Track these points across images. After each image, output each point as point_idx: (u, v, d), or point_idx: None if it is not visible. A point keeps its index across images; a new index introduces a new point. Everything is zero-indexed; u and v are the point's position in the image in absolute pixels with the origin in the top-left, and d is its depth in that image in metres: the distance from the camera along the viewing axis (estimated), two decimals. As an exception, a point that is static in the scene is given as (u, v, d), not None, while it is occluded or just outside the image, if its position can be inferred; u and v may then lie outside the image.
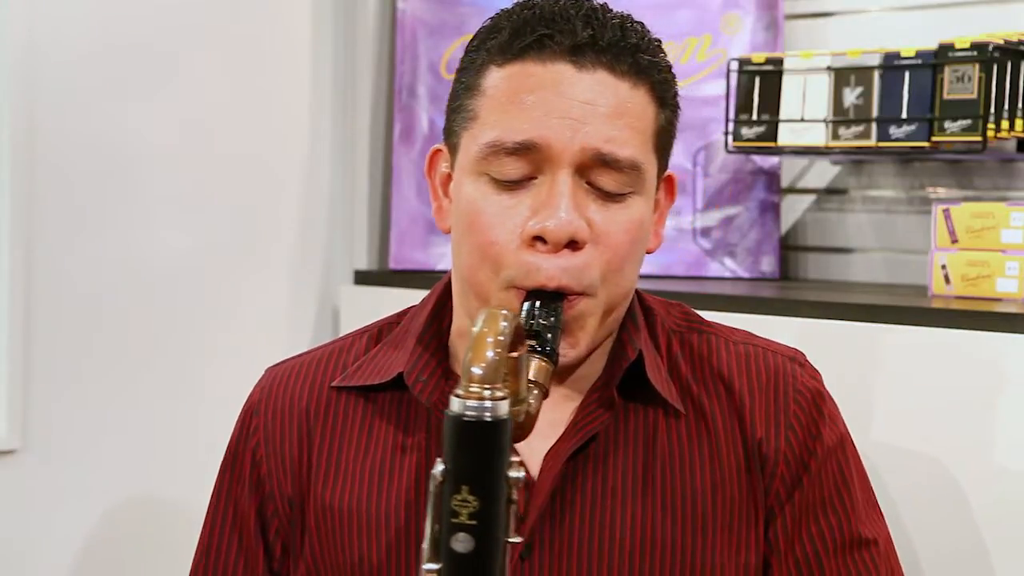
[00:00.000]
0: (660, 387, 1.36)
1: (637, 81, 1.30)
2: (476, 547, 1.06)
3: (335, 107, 2.49)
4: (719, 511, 1.35)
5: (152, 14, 2.23)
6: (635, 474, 1.34)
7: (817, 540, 1.36)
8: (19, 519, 2.10)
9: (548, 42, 1.27)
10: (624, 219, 1.30)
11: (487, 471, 1.07)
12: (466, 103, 1.32)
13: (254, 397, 1.45)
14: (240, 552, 1.41)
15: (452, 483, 1.07)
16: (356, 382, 1.40)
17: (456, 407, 1.07)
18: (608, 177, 1.28)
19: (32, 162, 2.08)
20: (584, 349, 1.32)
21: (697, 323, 1.44)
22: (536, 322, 1.24)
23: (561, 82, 1.27)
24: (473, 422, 1.06)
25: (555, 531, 1.32)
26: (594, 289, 1.29)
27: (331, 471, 1.38)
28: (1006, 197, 2.12)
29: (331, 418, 1.40)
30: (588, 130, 1.26)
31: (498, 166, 1.28)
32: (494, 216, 1.29)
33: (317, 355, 1.46)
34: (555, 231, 1.26)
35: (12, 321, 2.06)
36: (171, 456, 2.25)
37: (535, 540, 1.32)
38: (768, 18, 2.30)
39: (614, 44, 1.28)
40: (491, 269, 1.29)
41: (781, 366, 1.40)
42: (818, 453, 1.37)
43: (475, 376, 1.07)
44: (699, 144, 2.30)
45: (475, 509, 1.06)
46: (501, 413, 1.07)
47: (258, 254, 2.41)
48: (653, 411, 1.36)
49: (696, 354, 1.41)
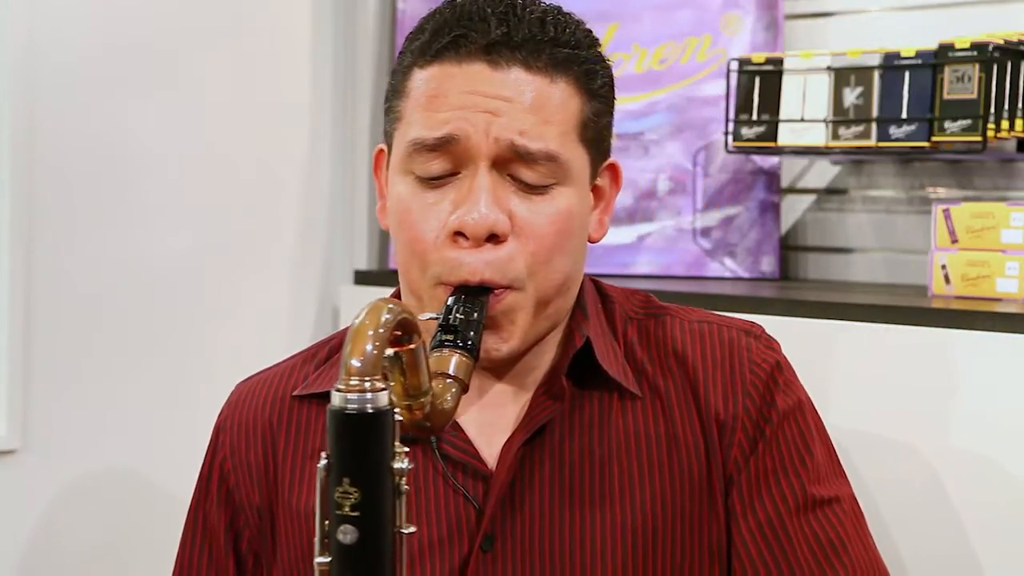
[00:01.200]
0: (612, 371, 1.37)
1: (555, 75, 1.31)
2: (360, 538, 1.07)
3: (335, 107, 2.49)
4: (678, 491, 1.35)
5: (152, 14, 2.23)
6: (592, 460, 1.35)
7: (779, 502, 1.36)
8: (19, 519, 2.10)
9: (463, 42, 1.30)
10: (549, 211, 1.31)
11: (368, 462, 1.08)
12: (394, 104, 1.35)
13: (222, 414, 1.48)
14: (211, 567, 1.44)
15: (335, 475, 1.07)
16: (315, 389, 1.42)
17: (336, 400, 1.08)
18: (527, 170, 1.30)
19: (32, 162, 2.08)
20: (515, 344, 1.33)
21: (655, 308, 1.45)
22: (454, 316, 1.26)
23: (477, 80, 1.29)
24: (350, 414, 1.07)
25: (515, 522, 1.33)
26: (521, 282, 1.30)
27: (296, 475, 1.40)
28: (1006, 197, 2.12)
29: (294, 426, 1.42)
30: (502, 122, 1.28)
31: (421, 163, 1.31)
32: (419, 213, 1.31)
33: (281, 368, 1.48)
34: (474, 225, 1.28)
35: (12, 321, 2.06)
36: (171, 456, 2.24)
37: (496, 531, 1.33)
38: (768, 18, 2.30)
39: (528, 40, 1.30)
40: (419, 266, 1.32)
41: (736, 339, 1.41)
42: (773, 419, 1.38)
43: (353, 368, 1.08)
44: (699, 144, 2.31)
45: (357, 500, 1.07)
46: (380, 404, 1.08)
47: (258, 254, 2.40)
48: (608, 397, 1.38)
49: (652, 337, 1.42)
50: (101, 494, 2.19)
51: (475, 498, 1.34)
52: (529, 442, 1.35)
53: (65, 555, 2.15)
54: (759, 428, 1.37)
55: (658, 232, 2.31)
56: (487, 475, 1.35)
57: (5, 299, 2.05)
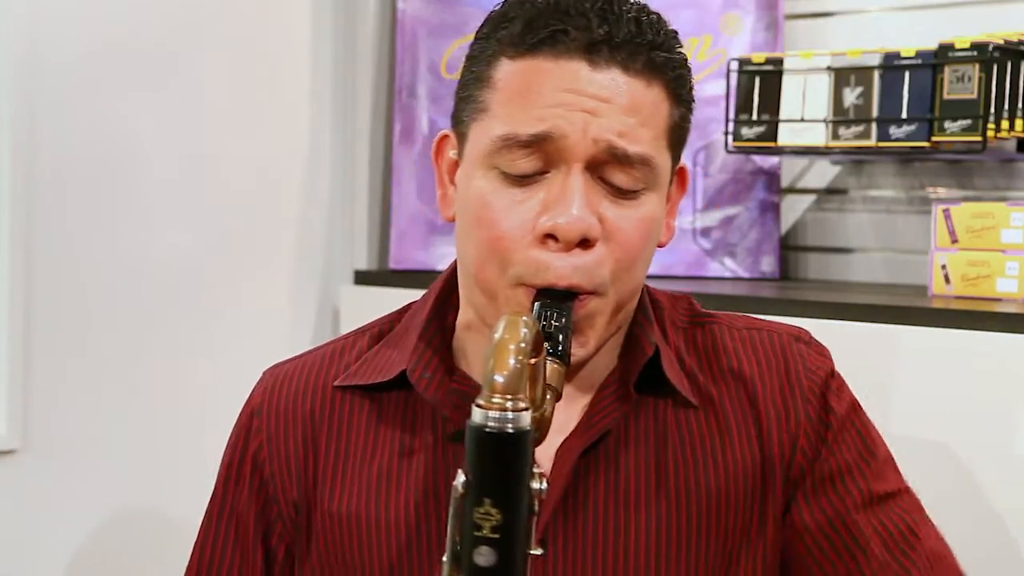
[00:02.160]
0: (676, 381, 1.35)
1: (651, 79, 1.27)
2: (499, 561, 1.04)
3: (335, 107, 2.49)
4: (731, 506, 1.34)
5: (152, 14, 2.23)
6: (648, 470, 1.33)
7: (846, 499, 1.35)
8: (19, 519, 2.10)
9: (562, 38, 1.25)
10: (636, 217, 1.27)
11: (510, 484, 1.04)
12: (475, 94, 1.29)
13: (255, 399, 1.42)
14: (237, 557, 1.39)
15: (474, 495, 1.04)
16: (359, 380, 1.38)
17: (478, 418, 1.04)
18: (621, 173, 1.26)
19: (32, 162, 2.08)
20: (593, 348, 1.30)
21: (700, 316, 1.43)
22: (549, 323, 1.22)
23: (576, 79, 1.25)
24: (496, 433, 1.04)
25: (568, 529, 1.31)
26: (605, 288, 1.27)
27: (338, 475, 1.36)
28: (1006, 197, 2.12)
29: (336, 420, 1.38)
30: (601, 123, 1.24)
31: (510, 160, 1.26)
32: (504, 211, 1.26)
33: (318, 355, 1.43)
34: (567, 229, 1.24)
35: (12, 321, 2.06)
36: (171, 456, 2.24)
37: (548, 539, 1.30)
38: (768, 18, 2.30)
39: (629, 41, 1.26)
40: (499, 265, 1.27)
41: (788, 346, 1.39)
42: (833, 425, 1.37)
43: (497, 385, 1.04)
44: (699, 144, 2.30)
45: (498, 522, 1.04)
46: (523, 424, 1.04)
47: (258, 254, 2.40)
48: (663, 406, 1.35)
49: (701, 347, 1.39)
50: (101, 494, 2.18)
51: None
52: (588, 449, 1.32)
53: (65, 555, 2.15)
54: (820, 435, 1.36)
55: (658, 232, 2.31)
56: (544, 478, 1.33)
57: (5, 299, 2.05)
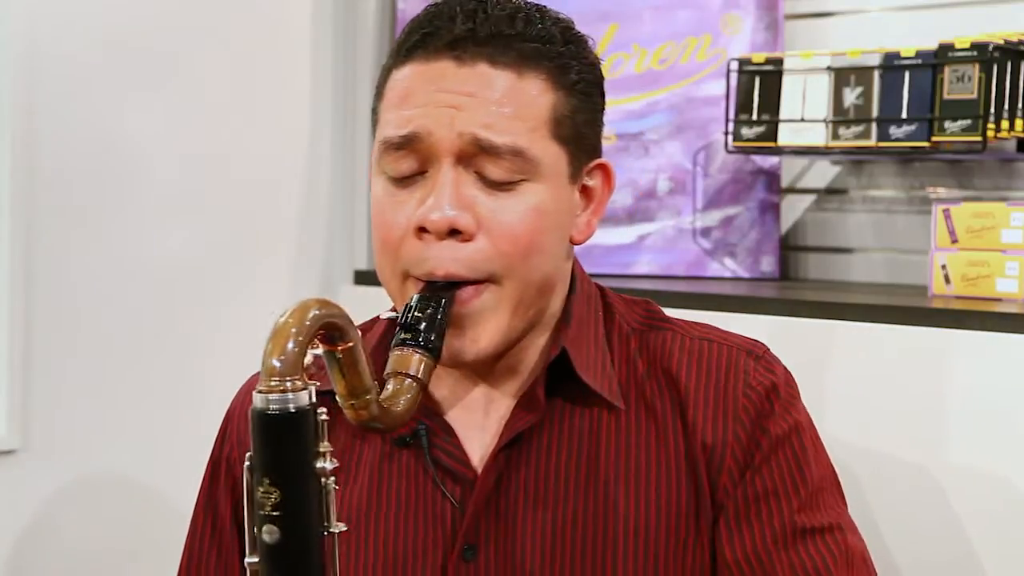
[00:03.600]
0: (592, 382, 1.35)
1: (523, 70, 1.30)
2: (283, 537, 1.08)
3: (335, 107, 2.49)
4: (663, 513, 1.33)
5: (152, 14, 2.23)
6: (578, 471, 1.34)
7: (766, 530, 1.33)
8: (19, 519, 2.10)
9: (430, 39, 1.30)
10: (518, 207, 1.29)
11: (286, 462, 1.09)
12: (375, 107, 1.36)
13: (232, 404, 1.48)
14: (220, 559, 1.44)
15: (257, 476, 1.09)
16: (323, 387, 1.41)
17: (257, 402, 1.09)
18: (491, 165, 1.28)
19: (32, 162, 2.08)
20: (488, 344, 1.30)
21: (658, 320, 1.42)
22: (412, 314, 1.25)
23: (443, 77, 1.29)
24: (269, 415, 1.09)
25: (498, 530, 1.32)
26: (495, 278, 1.29)
27: None
28: (1006, 197, 2.12)
29: None
30: (465, 116, 1.28)
31: (391, 162, 1.31)
32: (388, 212, 1.31)
33: None
34: (435, 220, 1.27)
35: (12, 321, 2.06)
36: (171, 456, 2.24)
37: (479, 540, 1.32)
38: (768, 18, 2.30)
39: (495, 35, 1.29)
40: (389, 263, 1.32)
41: (734, 360, 1.37)
42: (764, 446, 1.34)
43: (273, 368, 1.09)
44: (699, 144, 2.30)
45: (278, 500, 1.08)
46: (300, 404, 1.09)
47: (258, 254, 2.41)
48: (596, 408, 1.35)
49: (651, 352, 1.39)
50: (101, 494, 2.19)
51: (460, 502, 1.33)
52: (508, 449, 1.33)
53: (65, 555, 2.15)
54: (749, 455, 1.34)
55: (658, 232, 2.31)
56: (472, 480, 1.34)
57: (5, 299, 2.05)
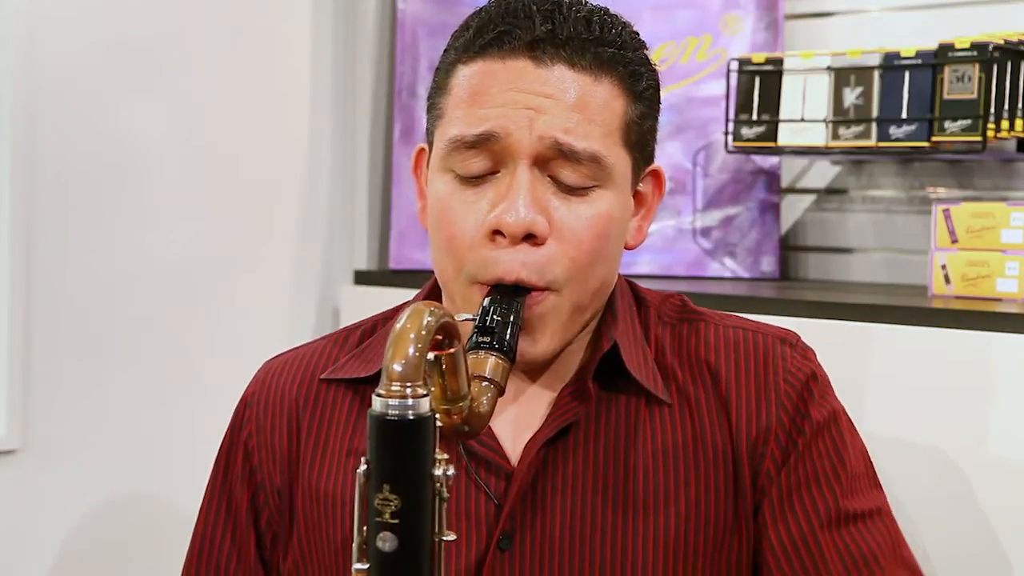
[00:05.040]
0: (639, 375, 1.35)
1: (599, 75, 1.29)
2: (400, 546, 1.06)
3: (335, 107, 2.49)
4: (703, 502, 1.34)
5: (152, 14, 2.23)
6: (617, 465, 1.34)
7: (812, 515, 1.34)
8: (19, 519, 2.10)
9: (507, 38, 1.29)
10: (588, 214, 1.29)
11: (408, 469, 1.07)
12: (436, 102, 1.34)
13: (249, 389, 1.46)
14: (233, 541, 1.43)
15: (375, 482, 1.06)
16: (344, 375, 1.41)
17: (377, 406, 1.06)
18: (569, 170, 1.28)
19: (32, 162, 2.08)
20: (547, 346, 1.31)
21: (690, 313, 1.43)
22: (491, 319, 1.24)
23: (521, 77, 1.28)
24: (392, 420, 1.06)
25: (535, 521, 1.32)
26: (558, 285, 1.29)
27: (317, 457, 1.39)
28: (1006, 197, 2.12)
29: (319, 409, 1.41)
30: (546, 119, 1.27)
31: (461, 161, 1.29)
32: (457, 211, 1.29)
33: (311, 348, 1.47)
34: (512, 224, 1.26)
35: (12, 321, 2.06)
36: (171, 456, 2.25)
37: (515, 530, 1.32)
38: (768, 18, 2.30)
39: (573, 38, 1.28)
40: (455, 265, 1.30)
41: (771, 348, 1.39)
42: (806, 431, 1.36)
43: (395, 373, 1.07)
44: (699, 144, 2.31)
45: (397, 508, 1.06)
46: (422, 411, 1.06)
47: (258, 254, 2.41)
48: (636, 401, 1.36)
49: (684, 343, 1.40)
50: (101, 494, 2.19)
51: (496, 495, 1.33)
52: (552, 442, 1.34)
53: (65, 555, 2.15)
54: (792, 440, 1.35)
55: (658, 232, 2.31)
56: (510, 472, 1.33)
57: (5, 299, 2.05)
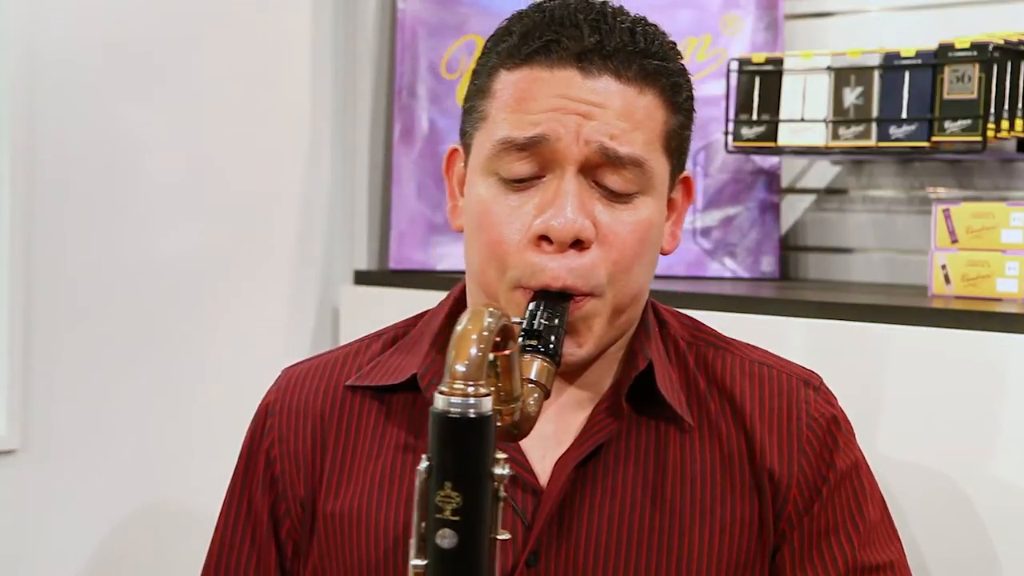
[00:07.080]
0: (670, 397, 1.36)
1: (644, 86, 1.31)
2: (460, 543, 1.07)
3: (335, 107, 2.49)
4: (727, 526, 1.34)
5: (152, 15, 2.23)
6: (644, 485, 1.34)
7: (829, 566, 1.35)
8: (19, 519, 2.10)
9: (555, 47, 1.29)
10: (631, 219, 1.30)
11: (470, 467, 1.07)
12: (477, 104, 1.34)
13: (270, 397, 1.45)
14: (253, 549, 1.42)
15: (436, 479, 1.07)
16: (370, 382, 1.40)
17: (440, 404, 1.07)
18: (614, 176, 1.29)
19: (32, 162, 2.08)
20: (590, 349, 1.32)
21: (712, 337, 1.44)
22: (538, 322, 1.25)
23: (568, 85, 1.28)
24: (456, 418, 1.07)
25: (562, 540, 1.32)
26: (601, 289, 1.29)
27: (344, 472, 1.39)
28: (1006, 197, 2.12)
29: (345, 419, 1.40)
30: (593, 125, 1.28)
31: (507, 164, 1.29)
32: (502, 215, 1.30)
33: (333, 356, 1.46)
34: (560, 230, 1.27)
35: (12, 321, 2.06)
36: (171, 456, 2.24)
37: (541, 548, 1.32)
38: (768, 18, 2.30)
39: (620, 50, 1.29)
40: (498, 268, 1.30)
41: (795, 390, 1.39)
42: (830, 480, 1.37)
43: (458, 373, 1.08)
44: (699, 144, 2.30)
45: (458, 505, 1.07)
46: (484, 410, 1.08)
47: (258, 254, 2.40)
48: (664, 423, 1.36)
49: (709, 368, 1.40)
50: (101, 494, 2.18)
51: (523, 512, 1.33)
52: (583, 463, 1.33)
53: (64, 555, 2.15)
54: (816, 488, 1.36)
55: (658, 232, 2.31)
56: (537, 490, 1.33)
57: (5, 299, 2.05)
